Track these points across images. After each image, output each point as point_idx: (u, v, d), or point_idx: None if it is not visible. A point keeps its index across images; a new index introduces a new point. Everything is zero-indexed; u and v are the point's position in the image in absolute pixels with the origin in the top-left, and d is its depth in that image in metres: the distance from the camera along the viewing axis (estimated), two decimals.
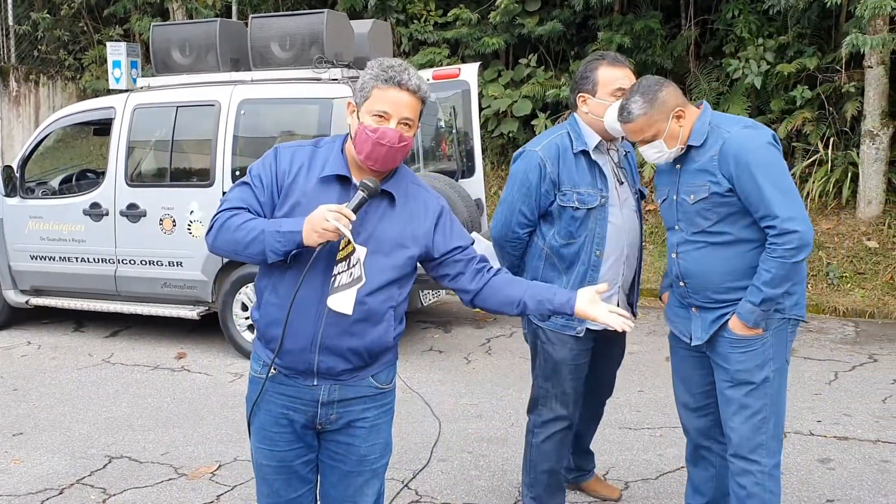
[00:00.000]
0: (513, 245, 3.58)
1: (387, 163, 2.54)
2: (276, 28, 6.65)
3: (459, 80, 6.25)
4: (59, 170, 8.65)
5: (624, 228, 3.51)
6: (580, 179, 3.45)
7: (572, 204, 3.44)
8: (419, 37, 11.37)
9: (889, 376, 6.04)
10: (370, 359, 2.63)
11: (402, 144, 2.52)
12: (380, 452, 2.74)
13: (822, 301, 8.10)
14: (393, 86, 2.50)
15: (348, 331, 2.54)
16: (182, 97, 6.84)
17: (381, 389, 2.70)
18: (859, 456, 4.66)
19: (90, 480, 4.47)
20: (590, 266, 3.47)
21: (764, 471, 3.21)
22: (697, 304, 3.29)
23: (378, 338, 2.60)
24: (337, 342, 2.54)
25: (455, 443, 4.90)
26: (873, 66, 8.71)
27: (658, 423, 5.02)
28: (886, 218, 8.82)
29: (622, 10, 10.82)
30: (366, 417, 2.68)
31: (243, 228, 2.50)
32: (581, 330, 3.52)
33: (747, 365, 3.19)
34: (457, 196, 6.07)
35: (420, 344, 6.97)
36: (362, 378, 2.65)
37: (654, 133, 3.18)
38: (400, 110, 2.51)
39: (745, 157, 3.04)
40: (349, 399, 2.64)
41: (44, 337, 7.38)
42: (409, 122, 2.53)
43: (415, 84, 2.52)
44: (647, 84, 3.19)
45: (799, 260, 3.04)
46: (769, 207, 3.01)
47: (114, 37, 13.58)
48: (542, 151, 3.48)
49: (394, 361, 2.76)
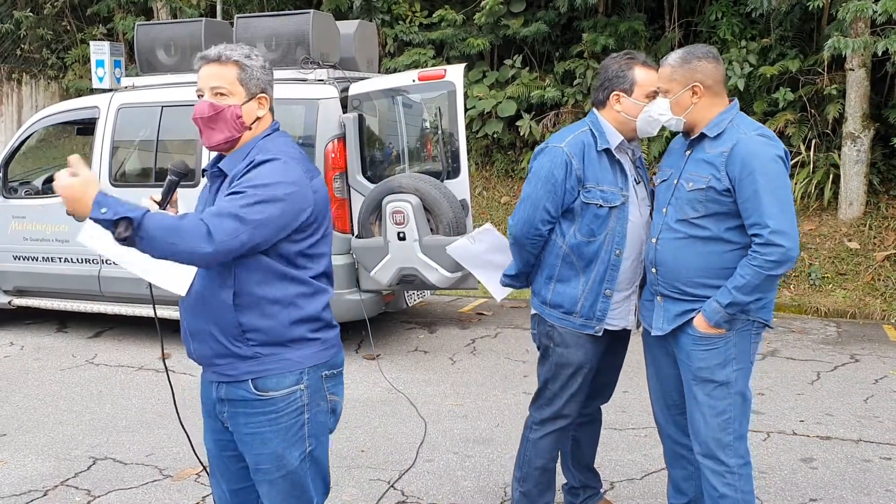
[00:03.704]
0: (533, 243, 3.50)
1: (208, 137, 2.58)
2: (261, 28, 6.64)
3: (445, 81, 6.25)
4: (43, 169, 8.60)
5: (642, 226, 3.45)
6: (603, 177, 3.40)
7: (597, 202, 3.38)
8: (404, 38, 11.38)
9: (871, 376, 6.10)
10: (234, 344, 2.52)
11: (216, 112, 2.54)
12: (270, 464, 2.59)
13: (804, 302, 8.16)
14: (201, 63, 2.59)
15: (197, 312, 2.57)
16: (167, 97, 6.82)
17: (260, 396, 2.55)
18: (842, 455, 4.70)
19: (74, 482, 4.45)
20: (609, 265, 3.41)
21: (732, 471, 3.22)
22: (664, 293, 3.28)
23: (223, 318, 2.51)
24: (193, 326, 2.60)
25: (441, 443, 4.91)
26: (854, 69, 8.79)
27: (643, 423, 5.04)
28: (867, 219, 8.91)
29: (606, 12, 10.87)
30: (247, 423, 2.58)
31: None
32: (600, 329, 3.47)
33: (709, 363, 3.19)
34: (442, 197, 6.08)
35: (405, 344, 6.98)
36: (241, 379, 2.56)
37: (668, 90, 3.22)
38: (207, 82, 2.58)
39: (753, 162, 3.04)
40: (232, 400, 2.60)
41: (27, 338, 7.34)
42: (220, 91, 2.55)
43: (215, 54, 2.58)
44: (697, 48, 3.25)
45: (776, 274, 3.04)
46: (762, 216, 3.01)
47: (97, 36, 13.53)
48: (567, 148, 3.41)
49: (290, 371, 2.56)
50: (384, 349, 6.79)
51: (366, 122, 6.42)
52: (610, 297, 3.43)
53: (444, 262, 5.84)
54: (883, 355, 6.64)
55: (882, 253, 8.54)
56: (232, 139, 2.57)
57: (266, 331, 2.53)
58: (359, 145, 6.35)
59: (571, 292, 3.46)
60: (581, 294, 3.44)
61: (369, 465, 4.60)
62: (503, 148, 11.27)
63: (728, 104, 3.24)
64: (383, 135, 6.82)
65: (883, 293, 8.15)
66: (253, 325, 2.52)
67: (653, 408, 3.61)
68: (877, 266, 8.46)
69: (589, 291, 3.43)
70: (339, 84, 6.51)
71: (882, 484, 4.35)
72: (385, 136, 6.83)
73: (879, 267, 8.44)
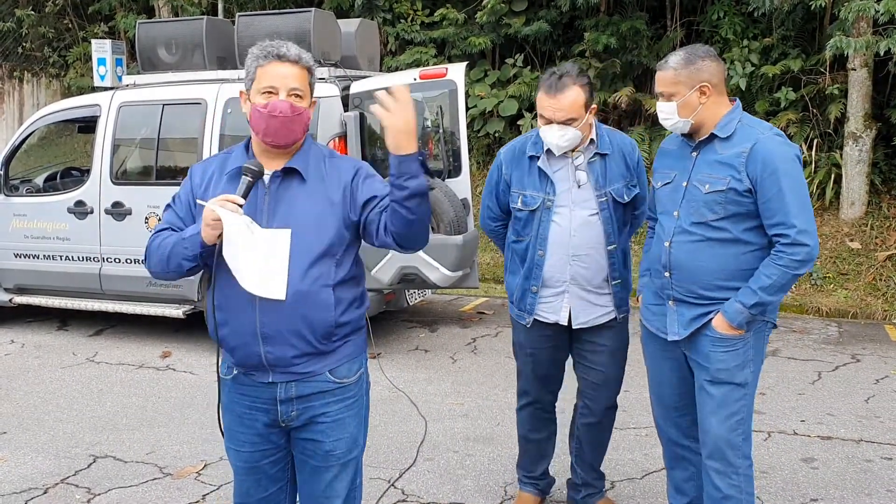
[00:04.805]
0: (492, 234, 3.92)
1: (284, 136, 2.55)
2: (263, 26, 6.63)
3: (446, 80, 6.25)
4: (44, 167, 8.62)
5: (571, 229, 3.58)
6: (528, 182, 3.65)
7: (516, 205, 3.68)
8: (406, 36, 11.38)
9: (872, 376, 6.09)
10: (319, 343, 2.57)
11: (296, 114, 2.54)
12: (346, 447, 2.69)
13: (805, 302, 8.16)
14: (273, 60, 2.54)
15: (284, 314, 2.52)
16: (168, 95, 6.82)
17: (339, 384, 2.64)
18: (843, 455, 4.70)
19: (75, 480, 4.45)
20: (533, 264, 3.65)
21: (739, 472, 3.21)
22: (677, 297, 3.25)
23: (318, 317, 2.54)
24: (276, 328, 2.53)
25: (441, 442, 4.91)
26: (856, 69, 8.78)
27: (644, 422, 5.04)
28: (869, 219, 8.90)
29: (608, 11, 10.86)
30: (327, 412, 2.64)
31: (162, 246, 2.59)
32: (529, 321, 3.73)
33: (728, 364, 3.17)
34: (443, 195, 6.08)
35: (406, 343, 6.98)
36: (318, 373, 2.61)
37: (673, 93, 3.17)
38: (286, 82, 2.54)
39: (775, 162, 3.03)
40: (307, 395, 2.62)
41: (28, 336, 7.34)
42: (298, 93, 2.55)
43: (294, 54, 2.55)
44: (697, 48, 3.22)
45: (800, 273, 3.03)
46: (787, 216, 3.00)
47: (99, 34, 13.53)
48: (503, 152, 3.77)
49: (356, 356, 2.69)
50: (385, 348, 6.79)
51: (367, 121, 6.42)
52: (536, 293, 3.68)
53: (445, 261, 5.84)
54: (884, 355, 6.63)
55: (884, 253, 8.53)
56: (298, 140, 2.61)
57: (351, 323, 2.64)
58: (360, 144, 6.35)
59: (511, 284, 3.80)
60: (516, 287, 3.76)
61: (369, 464, 4.59)
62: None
63: (731, 104, 3.22)
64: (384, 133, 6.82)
65: (884, 293, 8.15)
66: (344, 320, 2.61)
67: (653, 410, 3.61)
68: (878, 266, 8.45)
69: (520, 286, 3.73)
70: (340, 82, 6.50)
71: (883, 484, 4.34)
72: None
73: (881, 267, 8.43)
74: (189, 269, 2.57)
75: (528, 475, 4.07)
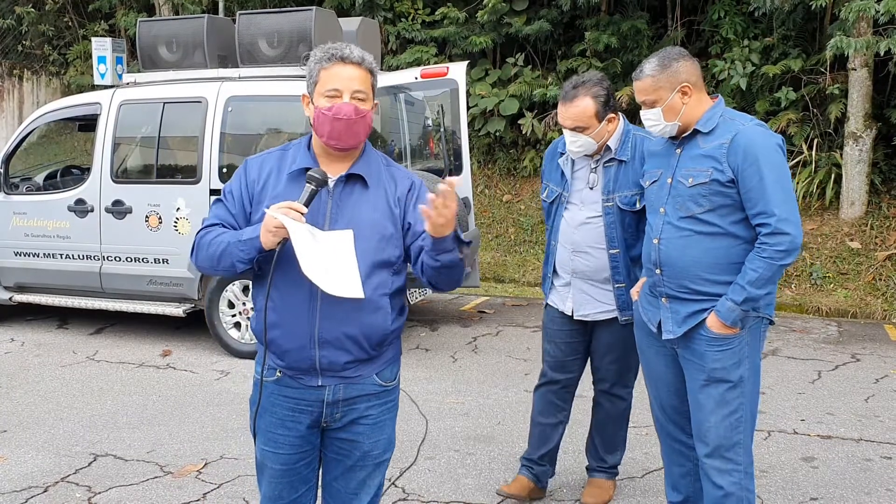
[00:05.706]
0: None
1: (349, 138, 2.54)
2: (264, 25, 6.63)
3: (447, 79, 6.25)
4: (44, 166, 8.62)
5: (575, 224, 3.81)
6: (553, 177, 3.95)
7: (543, 194, 4.01)
8: (407, 35, 11.38)
9: (871, 375, 6.10)
10: (372, 349, 2.60)
11: (360, 116, 2.52)
12: (383, 448, 2.72)
13: (805, 301, 8.16)
14: (336, 62, 2.52)
15: (344, 320, 2.52)
16: (169, 93, 6.82)
17: (384, 387, 2.68)
18: (843, 454, 4.70)
19: (75, 478, 4.45)
20: (550, 252, 3.96)
21: (740, 469, 3.21)
22: (670, 293, 3.25)
23: (376, 324, 2.57)
24: (335, 333, 2.53)
25: (442, 441, 4.91)
26: (857, 69, 8.78)
27: (644, 421, 5.03)
28: (869, 219, 8.91)
29: (609, 11, 10.87)
30: (370, 415, 2.66)
31: (214, 244, 2.55)
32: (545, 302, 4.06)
33: (724, 363, 3.17)
34: None
35: (407, 342, 6.98)
36: (367, 376, 2.63)
37: (655, 99, 3.19)
38: (349, 84, 2.52)
39: (756, 151, 3.04)
40: (353, 398, 2.63)
41: (28, 334, 7.34)
42: (361, 96, 2.54)
43: (357, 56, 2.54)
44: (669, 51, 3.23)
45: (787, 263, 3.03)
46: (768, 204, 3.01)
47: (99, 32, 13.53)
48: (549, 147, 4.07)
49: (397, 358, 2.74)
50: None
51: None
52: (551, 280, 3.97)
53: None
54: (884, 355, 6.64)
55: (883, 253, 8.54)
56: (362, 142, 2.61)
57: (397, 330, 2.68)
58: None
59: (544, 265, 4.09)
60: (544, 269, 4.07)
61: None
62: (505, 146, 11.27)
63: (713, 101, 3.24)
64: (385, 132, 6.82)
65: (884, 293, 8.15)
66: (395, 327, 2.64)
67: (651, 405, 3.62)
68: (878, 266, 8.46)
69: (544, 269, 4.07)
70: None
71: (883, 483, 4.35)
72: (387, 134, 6.83)
73: (881, 267, 8.44)
74: (242, 270, 2.56)
75: (527, 458, 4.15)
